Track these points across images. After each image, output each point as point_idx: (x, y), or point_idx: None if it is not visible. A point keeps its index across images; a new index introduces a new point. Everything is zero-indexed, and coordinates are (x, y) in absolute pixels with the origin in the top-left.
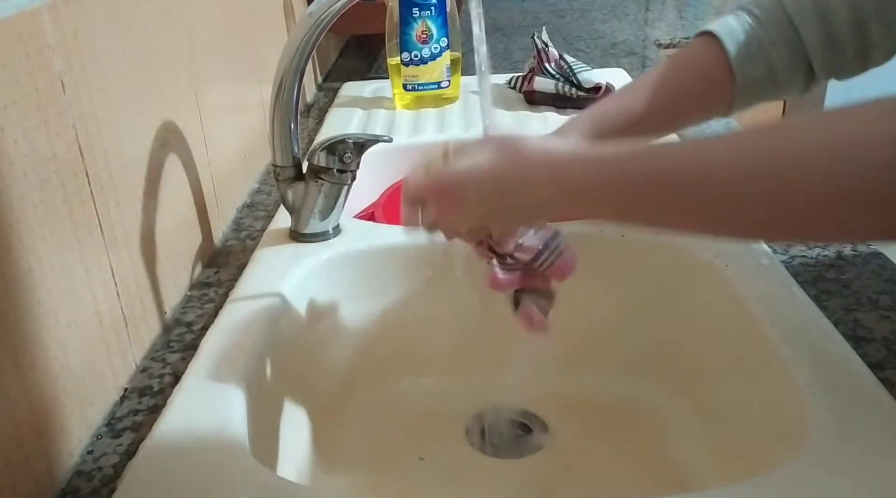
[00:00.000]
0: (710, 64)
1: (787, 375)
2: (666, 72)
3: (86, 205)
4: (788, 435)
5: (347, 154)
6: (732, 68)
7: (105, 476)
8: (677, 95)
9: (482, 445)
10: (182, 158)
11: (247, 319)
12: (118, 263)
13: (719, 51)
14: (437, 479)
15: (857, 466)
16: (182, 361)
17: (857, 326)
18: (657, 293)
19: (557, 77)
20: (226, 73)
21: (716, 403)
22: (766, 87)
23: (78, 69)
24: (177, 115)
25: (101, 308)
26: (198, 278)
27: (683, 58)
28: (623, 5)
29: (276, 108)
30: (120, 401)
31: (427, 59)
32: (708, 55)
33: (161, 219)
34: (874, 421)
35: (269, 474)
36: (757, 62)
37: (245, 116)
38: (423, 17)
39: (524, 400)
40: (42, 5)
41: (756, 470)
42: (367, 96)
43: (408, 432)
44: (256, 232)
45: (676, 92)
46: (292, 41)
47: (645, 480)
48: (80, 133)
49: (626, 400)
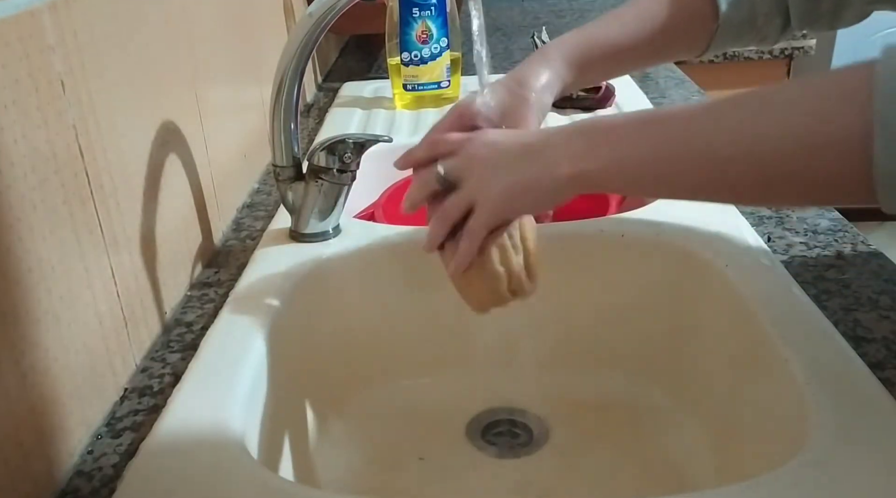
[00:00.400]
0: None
1: (787, 375)
2: (652, 3)
3: (86, 205)
4: (788, 435)
5: (347, 154)
6: (718, 6)
7: (105, 476)
8: (662, 29)
9: (482, 445)
10: (182, 158)
11: (247, 319)
12: (118, 263)
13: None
14: (437, 479)
15: (857, 466)
16: (182, 361)
17: (857, 326)
18: (657, 293)
19: None
20: (226, 73)
21: (716, 403)
22: (744, 31)
23: (78, 69)
24: (177, 115)
25: (101, 308)
26: (198, 278)
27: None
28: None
29: (276, 108)
30: (120, 401)
31: (427, 59)
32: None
33: (161, 219)
34: (874, 421)
35: (269, 474)
36: (741, 4)
37: (245, 116)
38: (423, 17)
39: (524, 400)
40: (42, 5)
41: (756, 470)
42: (367, 96)
43: (408, 432)
44: (256, 232)
45: (662, 25)
46: (292, 41)
47: (645, 480)
48: (80, 133)
49: (626, 400)
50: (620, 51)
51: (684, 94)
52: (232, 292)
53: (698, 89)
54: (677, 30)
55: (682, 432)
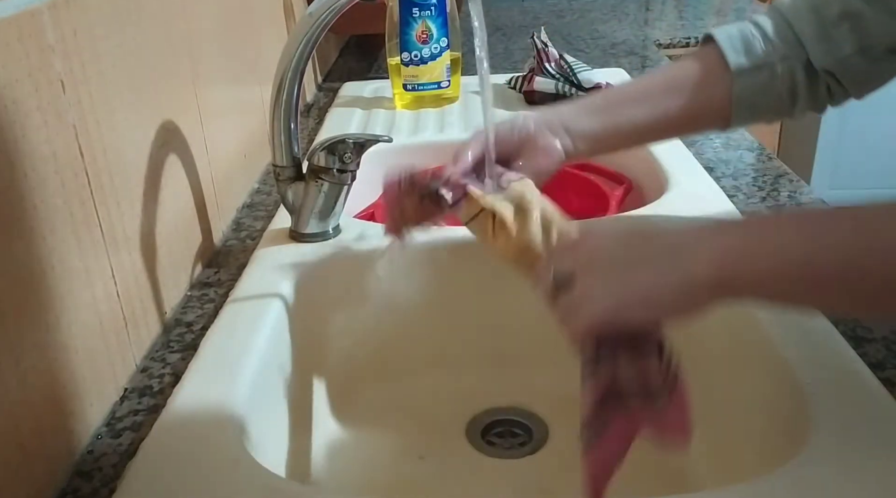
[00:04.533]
0: (707, 59)
1: (787, 375)
2: (666, 70)
3: (86, 205)
4: (788, 435)
5: (347, 154)
6: (726, 57)
7: (105, 476)
8: (677, 92)
9: (482, 445)
10: (182, 158)
11: (247, 319)
12: (118, 263)
13: (715, 48)
14: (437, 478)
15: (858, 465)
16: (182, 361)
17: (857, 326)
18: None
19: (557, 77)
20: (226, 73)
21: (716, 403)
22: (765, 83)
23: (78, 69)
24: (177, 115)
25: (101, 308)
26: (198, 278)
27: (681, 62)
28: (623, 5)
29: (276, 108)
30: (120, 401)
31: (427, 59)
32: (704, 53)
33: (161, 219)
34: (874, 421)
35: (269, 474)
36: (752, 52)
37: (245, 116)
38: (423, 17)
39: (524, 400)
40: (42, 5)
41: (756, 470)
42: (367, 96)
43: (408, 432)
44: (256, 232)
45: (677, 88)
46: (292, 41)
47: (645, 480)
48: (80, 133)
49: None
50: (642, 130)
51: None
52: (232, 292)
53: None
54: (691, 90)
55: None
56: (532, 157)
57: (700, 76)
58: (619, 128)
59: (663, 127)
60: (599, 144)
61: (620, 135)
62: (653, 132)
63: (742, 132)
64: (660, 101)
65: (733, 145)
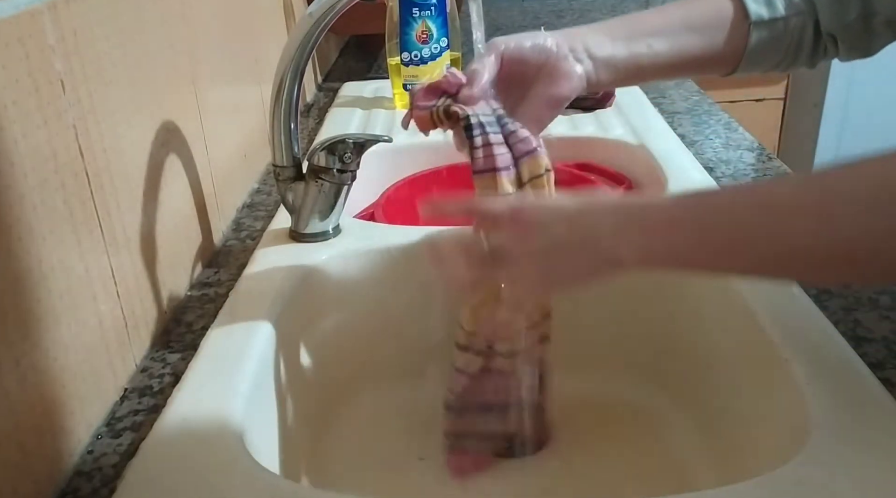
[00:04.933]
0: (724, 3)
1: (787, 375)
2: (683, 5)
3: (86, 205)
4: (788, 435)
5: (347, 154)
6: (746, 6)
7: (105, 476)
8: (697, 32)
9: None
10: (182, 158)
11: (247, 320)
12: (118, 263)
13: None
14: (437, 479)
15: (858, 465)
16: (182, 361)
17: (857, 326)
18: (657, 293)
19: None
20: (226, 73)
21: (716, 402)
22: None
23: (78, 69)
24: (177, 115)
25: (101, 308)
26: (198, 278)
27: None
28: (623, 5)
29: (276, 108)
30: (120, 401)
31: (427, 59)
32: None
33: (161, 219)
34: (874, 421)
35: (269, 474)
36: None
37: (245, 116)
38: (423, 17)
39: None
40: (42, 5)
41: (756, 470)
42: (367, 96)
43: (408, 432)
44: (256, 232)
45: (697, 28)
46: (292, 41)
47: (645, 481)
48: (80, 133)
49: (626, 400)
50: (661, 63)
51: (684, 94)
52: (232, 292)
53: (698, 89)
54: (711, 31)
55: (682, 432)
56: (551, 83)
57: (718, 20)
58: (640, 59)
59: (677, 64)
60: (620, 75)
61: (639, 66)
62: (666, 68)
63: (742, 132)
64: (678, 37)
65: (733, 145)
